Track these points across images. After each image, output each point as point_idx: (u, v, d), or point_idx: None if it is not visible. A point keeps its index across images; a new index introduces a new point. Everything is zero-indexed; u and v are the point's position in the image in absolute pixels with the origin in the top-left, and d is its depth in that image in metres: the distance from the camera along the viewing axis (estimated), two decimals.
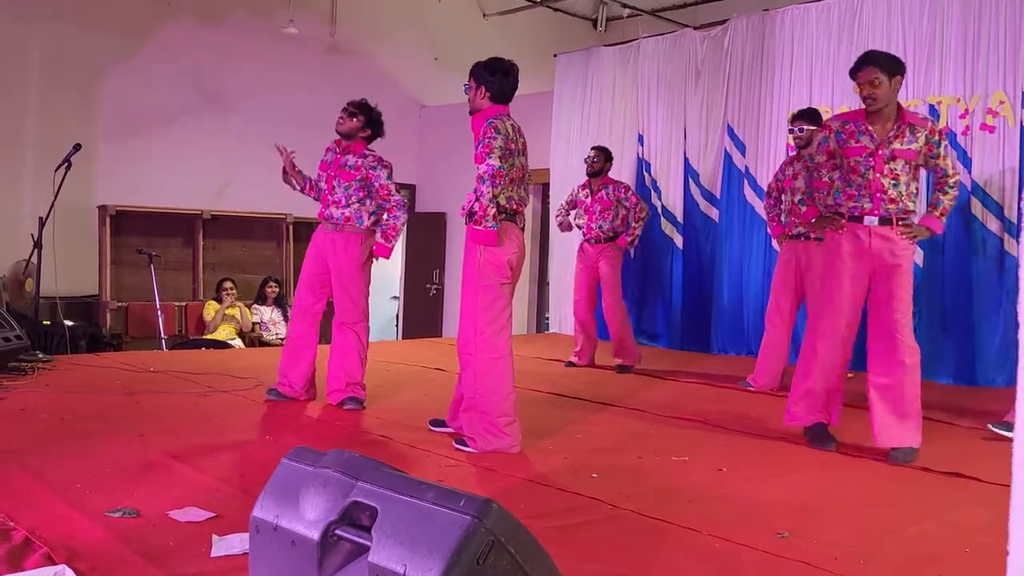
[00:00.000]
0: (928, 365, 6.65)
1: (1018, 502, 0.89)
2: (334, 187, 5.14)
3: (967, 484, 3.78)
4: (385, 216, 5.17)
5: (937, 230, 4.45)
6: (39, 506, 3.04)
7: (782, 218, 6.05)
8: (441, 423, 4.53)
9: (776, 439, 4.58)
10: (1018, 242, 1.60)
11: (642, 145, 8.81)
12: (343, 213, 5.08)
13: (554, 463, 3.98)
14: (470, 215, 4.16)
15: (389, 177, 5.20)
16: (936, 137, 4.30)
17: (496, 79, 4.27)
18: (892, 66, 4.17)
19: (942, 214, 4.39)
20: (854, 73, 4.24)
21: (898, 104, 4.29)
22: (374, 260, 5.20)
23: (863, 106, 4.21)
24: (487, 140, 4.16)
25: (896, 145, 4.23)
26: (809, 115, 5.88)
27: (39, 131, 8.53)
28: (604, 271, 6.96)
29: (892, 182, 4.24)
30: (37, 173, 7.37)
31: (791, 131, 5.96)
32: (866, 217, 4.26)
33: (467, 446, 4.12)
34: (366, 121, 5.32)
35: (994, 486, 3.63)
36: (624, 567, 2.71)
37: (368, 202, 5.15)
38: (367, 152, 5.27)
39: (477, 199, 4.12)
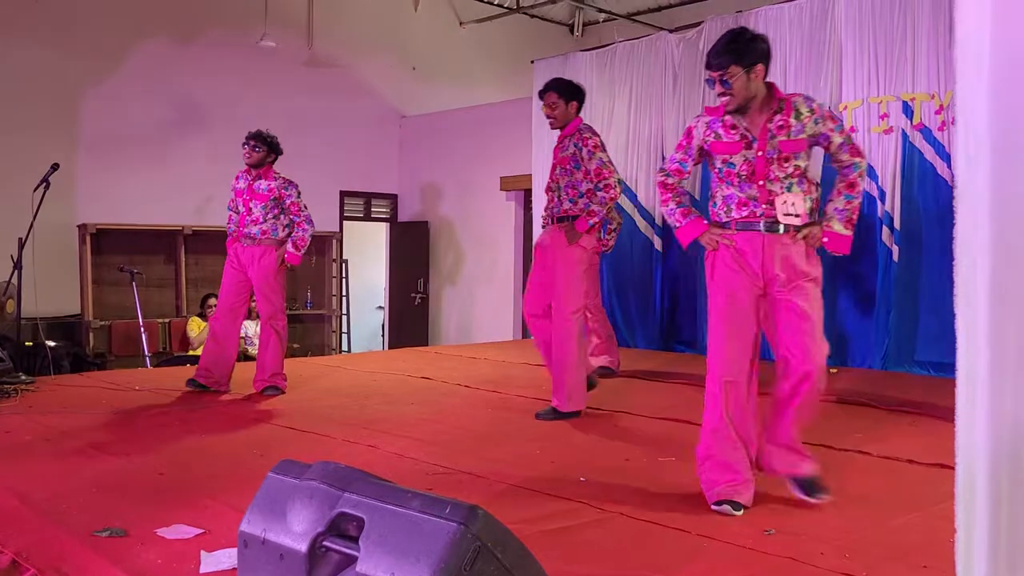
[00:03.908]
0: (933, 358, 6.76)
1: (962, 490, 0.92)
2: (251, 208, 5.82)
3: (951, 474, 3.80)
4: (296, 230, 5.87)
5: (581, 229, 5.03)
6: (26, 528, 3.03)
7: None
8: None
9: None
10: (952, 238, 1.61)
11: (620, 147, 8.84)
12: (260, 228, 5.81)
13: (541, 467, 3.98)
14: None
15: (299, 196, 5.89)
16: (580, 143, 5.05)
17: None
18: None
19: (589, 215, 5.05)
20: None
21: (575, 119, 5.13)
22: (287, 267, 5.94)
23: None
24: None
25: (560, 155, 5.14)
26: None
27: (17, 151, 8.49)
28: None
29: (555, 185, 5.18)
30: (16, 193, 7.34)
31: None
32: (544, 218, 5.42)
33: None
34: (268, 148, 5.87)
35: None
36: (612, 569, 2.73)
37: (282, 217, 5.88)
38: (276, 175, 5.91)
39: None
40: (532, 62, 9.74)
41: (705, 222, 3.50)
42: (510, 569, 1.83)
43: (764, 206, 3.33)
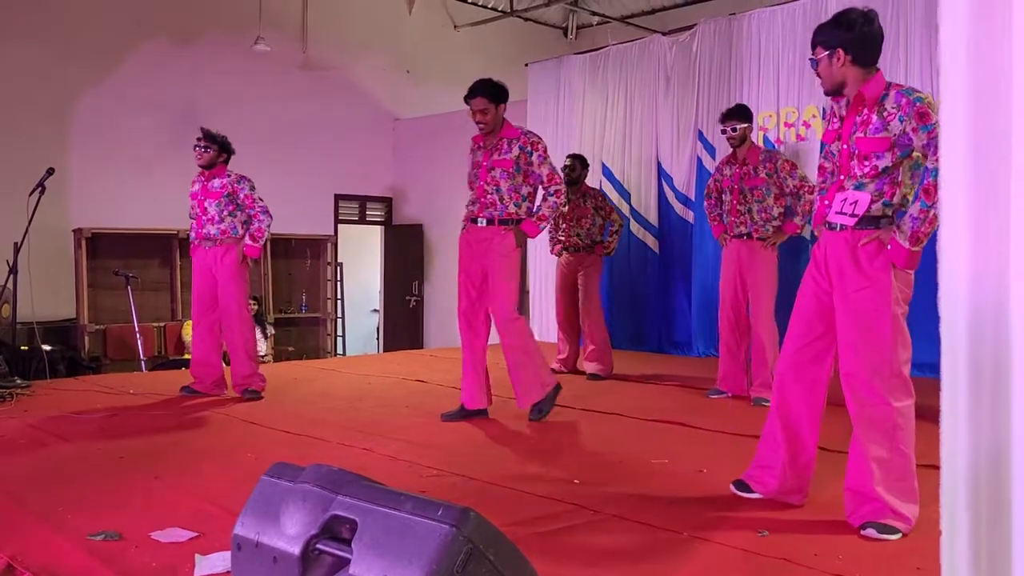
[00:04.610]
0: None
1: (946, 493, 0.93)
2: (206, 208, 5.83)
3: None
4: (252, 222, 5.86)
5: (531, 233, 5.04)
6: (21, 532, 3.03)
7: (724, 218, 5.96)
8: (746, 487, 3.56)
9: (755, 438, 4.61)
10: (935, 240, 1.57)
11: (615, 150, 8.86)
12: (219, 228, 5.81)
13: (534, 469, 4.00)
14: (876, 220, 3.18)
15: (252, 189, 5.88)
16: (529, 148, 4.99)
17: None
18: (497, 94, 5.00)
19: (539, 219, 5.05)
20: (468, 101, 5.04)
21: (503, 121, 5.06)
22: (250, 262, 5.94)
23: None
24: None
25: (495, 157, 5.01)
26: (739, 113, 5.85)
27: (11, 155, 8.49)
28: (583, 281, 6.98)
29: (494, 187, 5.00)
30: (10, 198, 7.35)
31: (723, 131, 5.91)
32: (478, 219, 5.12)
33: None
34: (219, 148, 5.91)
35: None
36: (605, 570, 2.74)
37: (238, 214, 5.87)
38: (228, 172, 5.92)
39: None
40: (526, 65, 9.77)
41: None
42: (502, 571, 1.83)
43: (831, 202, 3.24)
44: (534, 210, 5.15)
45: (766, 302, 5.69)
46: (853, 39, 3.16)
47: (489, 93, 5.01)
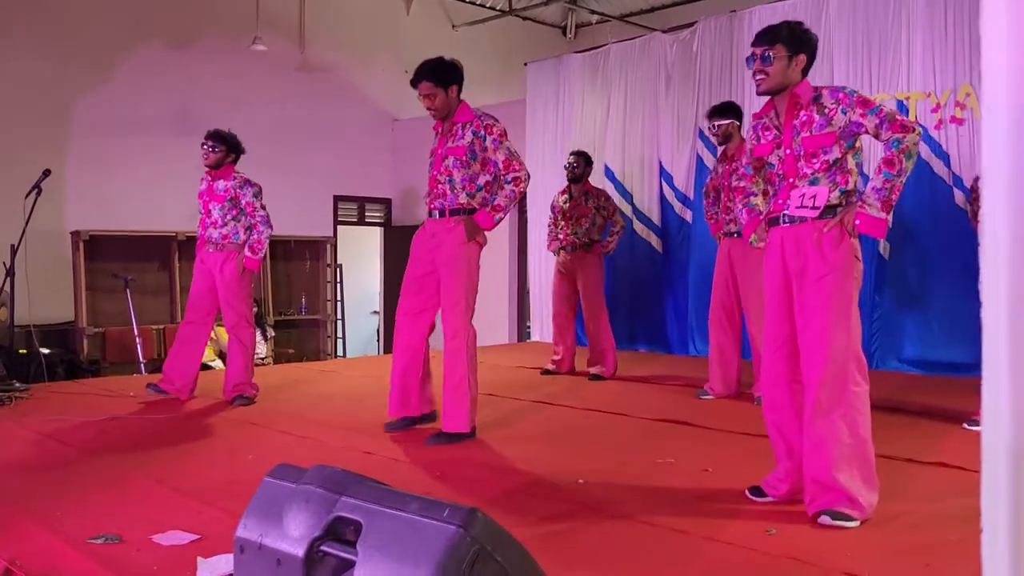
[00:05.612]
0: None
1: (987, 491, 0.90)
2: (211, 211, 5.66)
3: (952, 473, 3.80)
4: (252, 232, 5.66)
5: (484, 225, 4.60)
6: (20, 535, 3.00)
7: (718, 216, 5.88)
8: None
9: (760, 437, 4.58)
10: (976, 232, 1.59)
11: (615, 149, 8.83)
12: (221, 232, 5.63)
13: (540, 470, 3.96)
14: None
15: (256, 196, 5.64)
16: (483, 132, 4.60)
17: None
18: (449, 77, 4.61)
19: (495, 209, 4.59)
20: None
21: (459, 104, 4.67)
22: (251, 273, 5.74)
23: None
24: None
25: (450, 144, 4.60)
26: (722, 110, 5.75)
27: (9, 157, 8.45)
28: (584, 280, 6.90)
29: (446, 177, 4.58)
30: (7, 200, 7.31)
31: (710, 128, 5.83)
32: (432, 212, 4.69)
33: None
34: (227, 148, 5.70)
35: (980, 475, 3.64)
36: (612, 571, 2.70)
37: (241, 218, 5.67)
38: (235, 175, 5.69)
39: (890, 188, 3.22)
40: (525, 64, 9.75)
41: (760, 220, 3.57)
42: (509, 572, 1.81)
43: (786, 200, 3.34)
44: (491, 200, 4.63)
45: (757, 301, 5.44)
46: (812, 49, 3.36)
47: (435, 76, 4.56)
